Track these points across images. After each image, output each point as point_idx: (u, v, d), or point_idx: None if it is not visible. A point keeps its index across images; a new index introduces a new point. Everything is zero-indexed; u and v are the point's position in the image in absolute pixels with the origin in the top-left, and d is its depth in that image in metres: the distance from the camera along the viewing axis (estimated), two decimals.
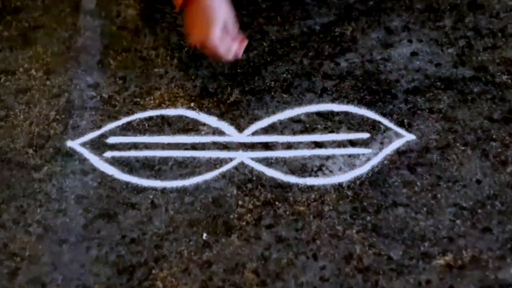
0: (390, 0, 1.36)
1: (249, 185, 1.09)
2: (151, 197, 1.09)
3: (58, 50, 1.31)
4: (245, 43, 1.14)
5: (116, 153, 1.15)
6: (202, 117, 1.19)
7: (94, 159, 1.14)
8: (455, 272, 0.98)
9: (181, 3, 1.12)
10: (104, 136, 1.17)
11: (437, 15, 1.33)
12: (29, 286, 0.99)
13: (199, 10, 1.11)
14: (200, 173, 1.11)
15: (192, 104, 1.21)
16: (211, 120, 1.19)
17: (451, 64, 1.24)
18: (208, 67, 1.26)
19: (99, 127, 1.18)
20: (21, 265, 1.02)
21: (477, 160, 1.10)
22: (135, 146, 1.16)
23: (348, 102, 1.20)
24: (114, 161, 1.14)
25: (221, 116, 1.19)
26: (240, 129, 1.17)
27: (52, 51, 1.30)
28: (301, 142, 1.15)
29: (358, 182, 1.09)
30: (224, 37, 1.11)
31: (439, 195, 1.07)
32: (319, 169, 1.11)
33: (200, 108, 1.20)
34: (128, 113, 1.20)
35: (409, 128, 1.15)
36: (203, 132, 1.17)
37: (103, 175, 1.12)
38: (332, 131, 1.16)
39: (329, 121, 1.17)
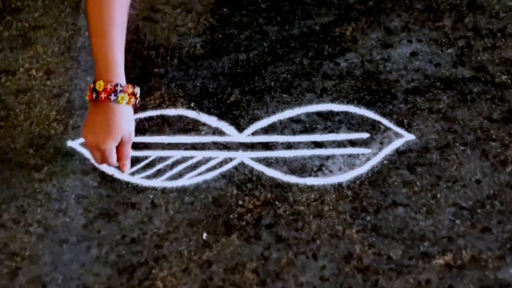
0: (390, 0, 1.36)
1: (249, 185, 1.10)
2: (151, 197, 1.09)
3: (58, 50, 1.31)
4: (127, 165, 1.11)
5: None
6: (202, 117, 1.19)
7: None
8: (454, 271, 0.98)
9: (91, 98, 1.07)
10: None
11: (437, 15, 1.33)
12: (29, 286, 1.00)
13: (105, 114, 1.07)
14: (200, 173, 1.12)
15: (192, 104, 1.21)
16: (211, 120, 1.19)
17: (451, 64, 1.25)
18: (208, 67, 1.26)
19: None
20: (22, 265, 1.02)
21: (476, 160, 1.11)
22: (135, 146, 1.16)
23: (348, 102, 1.20)
24: None
25: (221, 116, 1.19)
26: (240, 129, 1.17)
27: (52, 51, 1.31)
28: (301, 142, 1.15)
29: (358, 182, 1.09)
30: (114, 149, 1.08)
31: (438, 195, 1.07)
32: (319, 169, 1.11)
33: (200, 108, 1.20)
34: None
35: (408, 128, 1.16)
36: (203, 132, 1.17)
37: (103, 175, 1.12)
38: (332, 131, 1.16)
39: (329, 121, 1.18)
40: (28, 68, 1.28)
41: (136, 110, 1.17)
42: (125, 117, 1.08)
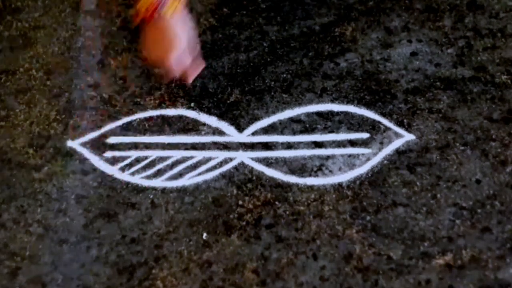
0: (390, 0, 1.36)
1: (249, 185, 1.10)
2: (151, 197, 1.09)
3: (58, 50, 1.31)
4: (202, 67, 1.08)
5: (116, 153, 1.15)
6: (202, 117, 1.19)
7: (94, 159, 1.14)
8: (454, 271, 0.98)
9: (142, 18, 1.04)
10: (104, 136, 1.17)
11: (436, 15, 1.33)
12: (29, 286, 1.00)
13: (162, 28, 1.03)
14: (200, 173, 1.12)
15: (192, 104, 1.21)
16: (211, 120, 1.19)
17: (451, 64, 1.25)
18: (208, 67, 1.26)
19: (99, 127, 1.18)
20: (22, 265, 1.02)
21: (476, 160, 1.11)
22: (135, 146, 1.16)
23: (348, 102, 1.20)
24: (114, 161, 1.14)
25: (221, 116, 1.19)
26: (240, 129, 1.17)
27: (52, 51, 1.31)
28: (301, 142, 1.15)
29: (358, 182, 1.09)
30: (182, 60, 1.05)
31: (438, 195, 1.07)
32: (319, 169, 1.11)
33: (200, 108, 1.20)
34: (128, 113, 1.20)
35: (408, 128, 1.16)
36: (203, 132, 1.17)
37: (103, 175, 1.12)
38: (332, 131, 1.16)
39: (329, 121, 1.18)
40: (28, 68, 1.28)
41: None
42: (182, 25, 1.04)
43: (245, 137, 1.16)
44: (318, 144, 1.15)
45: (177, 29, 1.03)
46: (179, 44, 1.03)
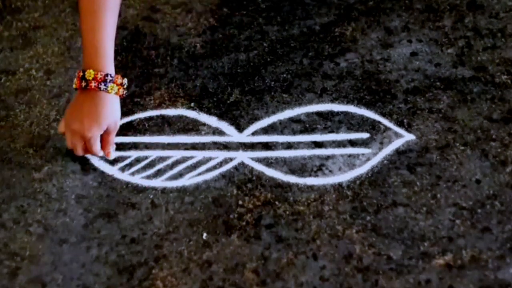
0: (390, 0, 1.36)
1: (249, 185, 1.10)
2: (151, 197, 1.09)
3: (58, 50, 1.31)
4: (112, 152, 1.12)
5: (116, 153, 1.15)
6: (202, 117, 1.19)
7: (94, 159, 1.14)
8: (454, 272, 0.98)
9: (79, 87, 1.08)
10: None
11: (436, 15, 1.33)
12: (29, 286, 0.99)
13: (93, 102, 1.08)
14: (200, 173, 1.12)
15: (192, 104, 1.21)
16: (211, 120, 1.19)
17: (451, 64, 1.25)
18: (208, 67, 1.26)
19: None
20: (22, 265, 1.02)
21: (476, 160, 1.11)
22: (135, 146, 1.16)
23: (348, 102, 1.20)
24: (114, 161, 1.14)
25: (221, 116, 1.19)
26: (240, 129, 1.17)
27: (52, 51, 1.31)
28: (301, 142, 1.15)
29: (358, 182, 1.09)
30: (98, 137, 1.10)
31: (438, 195, 1.07)
32: (319, 169, 1.11)
33: (200, 108, 1.20)
34: (128, 113, 1.20)
35: (408, 128, 1.16)
36: (203, 132, 1.17)
37: (103, 175, 1.12)
38: (332, 131, 1.16)
39: (329, 121, 1.18)
40: (28, 68, 1.28)
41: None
42: (112, 106, 1.09)
43: (245, 137, 1.16)
44: (318, 144, 1.15)
45: (109, 107, 1.08)
46: (104, 123, 1.08)
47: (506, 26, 1.30)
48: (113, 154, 1.13)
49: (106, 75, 1.07)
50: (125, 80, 1.11)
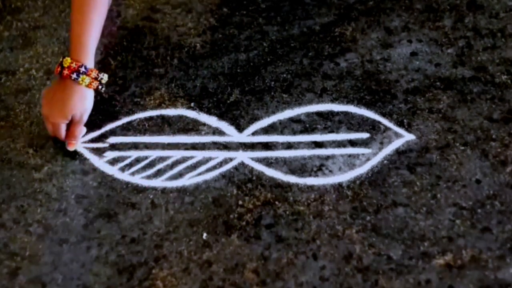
0: (390, 0, 1.36)
1: (249, 185, 1.10)
2: (151, 197, 1.09)
3: (58, 50, 1.31)
4: (75, 143, 1.14)
5: (116, 153, 1.15)
6: (202, 117, 1.19)
7: (94, 159, 1.14)
8: (454, 272, 0.98)
9: (57, 72, 1.13)
10: (104, 136, 1.17)
11: (437, 15, 1.33)
12: (29, 286, 0.99)
13: (64, 90, 1.12)
14: (200, 173, 1.12)
15: (192, 104, 1.21)
16: (211, 120, 1.19)
17: (451, 64, 1.25)
18: (208, 67, 1.26)
19: (99, 127, 1.18)
20: (22, 265, 1.02)
21: (476, 160, 1.11)
22: (135, 146, 1.16)
23: (348, 102, 1.20)
24: (114, 161, 1.14)
25: (221, 116, 1.19)
26: (240, 129, 1.17)
27: (52, 51, 1.31)
28: (301, 142, 1.15)
29: (358, 182, 1.09)
30: (63, 125, 1.13)
31: (438, 195, 1.07)
32: (319, 169, 1.11)
33: (200, 108, 1.20)
34: (128, 113, 1.20)
35: (408, 128, 1.16)
36: (203, 132, 1.17)
37: (103, 175, 1.12)
38: (332, 131, 1.16)
39: (329, 121, 1.18)
40: (28, 68, 1.28)
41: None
42: (81, 98, 1.13)
43: (245, 137, 1.16)
44: (318, 144, 1.15)
45: (78, 98, 1.12)
46: (72, 111, 1.12)
47: (506, 26, 1.30)
48: (75, 146, 1.14)
49: (81, 66, 1.11)
50: (104, 76, 1.14)
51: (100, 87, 1.14)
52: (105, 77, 1.14)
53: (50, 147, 1.16)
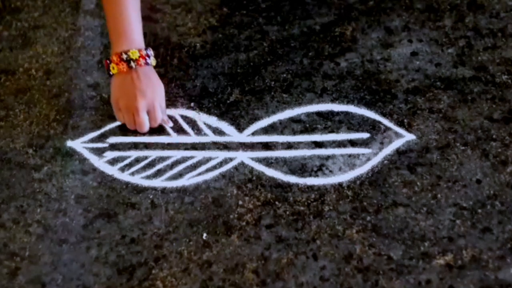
0: (390, 0, 1.36)
1: (249, 185, 1.09)
2: (151, 197, 1.09)
3: (58, 50, 1.31)
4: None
5: (116, 153, 1.15)
6: (202, 117, 1.19)
7: (94, 159, 1.14)
8: (455, 272, 0.98)
9: (126, 69, 1.13)
10: (104, 136, 1.17)
11: (437, 15, 1.33)
12: (29, 286, 0.99)
13: (147, 74, 1.14)
14: (200, 173, 1.11)
15: (192, 104, 1.21)
16: (211, 120, 1.19)
17: (451, 64, 1.24)
18: (208, 67, 1.26)
19: (99, 127, 1.18)
20: (21, 265, 1.02)
21: (477, 160, 1.11)
22: (135, 146, 1.16)
23: (348, 102, 1.20)
24: (114, 161, 1.14)
25: (221, 116, 1.19)
26: (240, 129, 1.17)
27: (52, 51, 1.31)
28: (301, 142, 1.15)
29: (358, 182, 1.09)
30: (146, 112, 1.14)
31: (439, 195, 1.07)
32: (319, 169, 1.11)
33: (200, 108, 1.20)
34: None
35: (409, 128, 1.15)
36: (203, 132, 1.17)
37: (103, 175, 1.12)
38: (332, 131, 1.16)
39: (329, 121, 1.17)
40: (28, 68, 1.28)
41: None
42: (156, 76, 1.17)
43: (245, 137, 1.16)
44: (318, 144, 1.14)
45: (157, 78, 1.16)
46: (159, 91, 1.15)
47: (506, 26, 1.30)
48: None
49: (146, 48, 1.15)
50: (150, 51, 1.16)
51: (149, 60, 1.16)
52: (150, 52, 1.16)
53: (50, 147, 1.16)
